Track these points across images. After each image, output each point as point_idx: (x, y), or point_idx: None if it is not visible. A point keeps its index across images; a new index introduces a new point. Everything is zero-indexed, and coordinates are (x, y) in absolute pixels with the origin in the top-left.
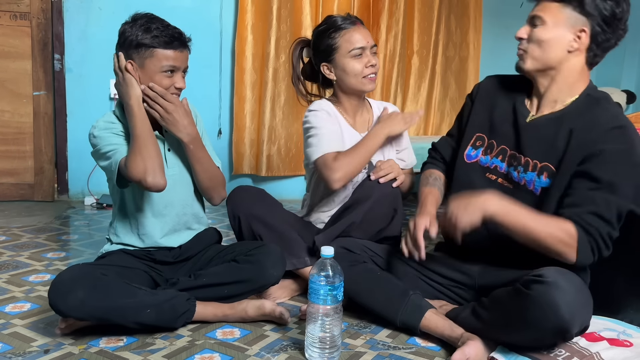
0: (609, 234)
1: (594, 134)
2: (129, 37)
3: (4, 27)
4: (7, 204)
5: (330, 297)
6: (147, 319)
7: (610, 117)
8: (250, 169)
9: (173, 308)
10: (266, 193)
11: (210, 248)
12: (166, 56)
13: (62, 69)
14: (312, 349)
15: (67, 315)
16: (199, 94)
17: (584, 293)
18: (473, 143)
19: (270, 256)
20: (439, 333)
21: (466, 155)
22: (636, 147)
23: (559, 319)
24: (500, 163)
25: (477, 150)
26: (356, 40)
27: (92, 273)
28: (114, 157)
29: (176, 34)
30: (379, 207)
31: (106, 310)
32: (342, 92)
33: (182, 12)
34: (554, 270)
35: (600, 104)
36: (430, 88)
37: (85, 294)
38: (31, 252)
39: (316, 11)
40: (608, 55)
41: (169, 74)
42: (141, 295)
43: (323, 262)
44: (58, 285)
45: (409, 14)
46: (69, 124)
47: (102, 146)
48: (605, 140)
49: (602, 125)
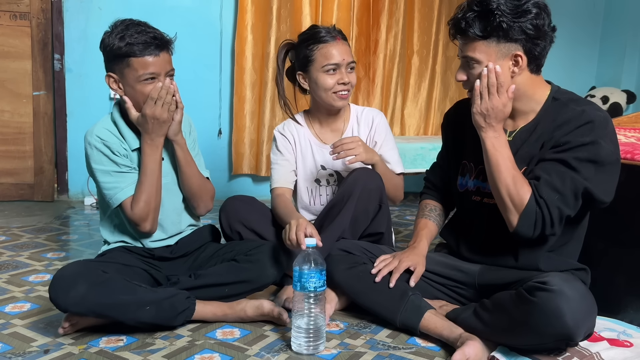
0: (558, 209)
1: (562, 131)
2: (107, 48)
3: (4, 27)
4: (7, 204)
5: (316, 285)
6: (146, 316)
7: (578, 114)
8: (249, 169)
9: (173, 306)
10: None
11: (208, 246)
12: (142, 64)
13: (62, 69)
14: (298, 340)
15: (67, 311)
16: (199, 94)
17: (589, 301)
18: (461, 172)
19: (269, 256)
20: (438, 334)
21: (459, 186)
22: (601, 141)
23: (564, 327)
24: (482, 183)
25: (466, 177)
26: (332, 55)
27: (93, 269)
28: (116, 196)
29: (150, 39)
30: (363, 204)
31: (106, 307)
32: (314, 102)
33: (182, 12)
34: (558, 278)
35: (569, 107)
36: (430, 88)
37: (86, 289)
38: (31, 252)
39: (316, 11)
40: (608, 55)
41: (150, 81)
42: (141, 292)
43: (307, 252)
44: (59, 280)
45: (409, 14)
46: (69, 124)
47: (97, 172)
48: (572, 134)
49: (570, 123)
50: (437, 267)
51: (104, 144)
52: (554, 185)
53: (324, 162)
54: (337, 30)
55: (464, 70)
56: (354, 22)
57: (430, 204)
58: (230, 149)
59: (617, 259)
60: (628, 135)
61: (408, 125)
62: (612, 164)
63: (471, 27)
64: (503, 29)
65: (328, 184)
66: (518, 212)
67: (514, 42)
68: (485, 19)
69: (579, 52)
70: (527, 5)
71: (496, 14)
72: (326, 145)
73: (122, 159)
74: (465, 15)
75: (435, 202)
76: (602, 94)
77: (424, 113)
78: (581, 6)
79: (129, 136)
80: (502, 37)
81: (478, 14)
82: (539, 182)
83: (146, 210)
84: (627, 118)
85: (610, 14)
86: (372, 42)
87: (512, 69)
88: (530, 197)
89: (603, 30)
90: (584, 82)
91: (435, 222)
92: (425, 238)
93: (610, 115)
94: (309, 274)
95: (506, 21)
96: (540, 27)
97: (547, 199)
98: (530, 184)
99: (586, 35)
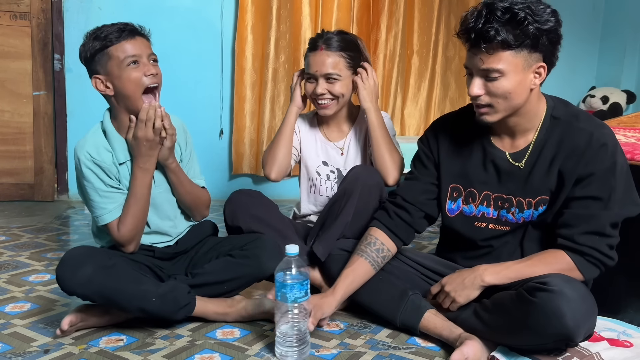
0: (607, 245)
1: (580, 160)
2: (84, 54)
3: (4, 27)
4: (7, 204)
5: (297, 295)
6: (151, 307)
7: (588, 139)
8: (250, 169)
9: (175, 300)
10: (263, 195)
11: (206, 241)
12: (121, 49)
13: (62, 69)
14: (282, 347)
15: (73, 292)
16: (200, 94)
17: (589, 301)
18: (450, 196)
19: (266, 249)
20: (438, 334)
21: (448, 210)
22: (618, 157)
23: (564, 328)
24: (486, 209)
25: (457, 202)
26: (309, 65)
27: (101, 253)
28: (102, 217)
29: (122, 26)
30: (364, 201)
31: (112, 291)
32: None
33: (182, 13)
34: (559, 278)
35: (573, 126)
36: (430, 88)
37: (94, 271)
38: (31, 252)
39: (316, 12)
40: (608, 55)
41: (133, 65)
42: (146, 282)
43: (288, 260)
44: (68, 260)
45: (409, 14)
46: (69, 124)
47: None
48: (592, 162)
49: (585, 150)
50: (438, 267)
51: (94, 163)
52: (594, 231)
53: (326, 158)
54: (327, 37)
55: (481, 84)
56: (354, 22)
57: (373, 237)
58: (230, 149)
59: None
60: (628, 135)
61: (408, 125)
62: (629, 169)
63: (501, 35)
64: (534, 37)
65: (328, 179)
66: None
67: (539, 52)
68: (515, 26)
69: (579, 52)
70: (547, 13)
71: (527, 21)
72: (331, 142)
73: (112, 180)
74: (492, 23)
75: (383, 234)
76: (602, 94)
77: (424, 113)
78: (581, 6)
79: (120, 147)
80: (531, 47)
81: (506, 22)
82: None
83: (133, 234)
84: (627, 118)
85: (610, 14)
86: (372, 42)
87: (533, 82)
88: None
89: (603, 30)
90: (584, 82)
91: (370, 262)
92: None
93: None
94: (291, 286)
95: (537, 28)
96: (560, 35)
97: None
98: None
99: (586, 35)
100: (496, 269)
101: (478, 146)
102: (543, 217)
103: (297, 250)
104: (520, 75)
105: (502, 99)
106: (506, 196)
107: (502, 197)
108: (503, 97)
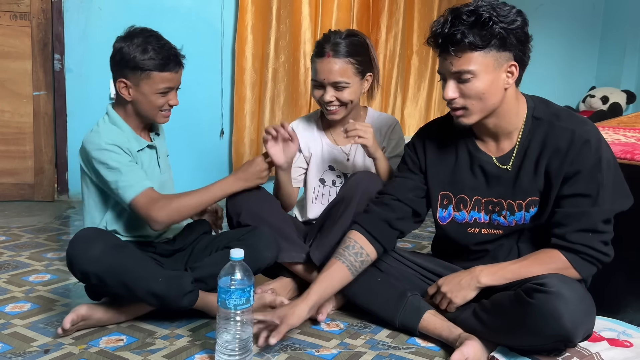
0: (601, 242)
1: (565, 159)
2: (125, 56)
3: (4, 27)
4: (7, 204)
5: (237, 302)
6: (157, 288)
7: (570, 135)
8: None
9: (180, 285)
10: (264, 191)
11: (203, 237)
12: (162, 79)
13: (62, 69)
14: (222, 356)
15: (83, 271)
16: (201, 94)
17: (587, 302)
18: (441, 204)
19: (263, 239)
20: (437, 334)
21: (440, 219)
22: (603, 152)
23: (562, 329)
24: (477, 214)
25: (448, 209)
26: (316, 72)
27: (111, 235)
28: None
29: (172, 55)
30: (364, 206)
31: (121, 269)
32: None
33: (182, 13)
34: (556, 279)
35: (555, 126)
36: (430, 88)
37: (105, 248)
38: (31, 252)
39: (315, 12)
40: (608, 55)
41: (163, 94)
42: (153, 265)
43: (232, 265)
44: (78, 239)
45: (409, 14)
46: (69, 124)
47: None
48: (577, 160)
49: (569, 148)
50: (436, 267)
51: (115, 145)
52: (586, 229)
53: (332, 163)
54: (334, 42)
55: (455, 87)
56: (353, 22)
57: (352, 240)
58: (230, 149)
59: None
60: (628, 136)
61: (408, 125)
62: (616, 163)
63: (467, 37)
64: (501, 37)
65: (333, 185)
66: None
67: (508, 51)
68: (481, 27)
69: (578, 52)
70: (512, 13)
71: (492, 21)
72: (337, 146)
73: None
74: (458, 27)
75: (363, 237)
76: (602, 94)
77: (423, 113)
78: (581, 6)
79: (132, 136)
80: (499, 46)
81: (471, 24)
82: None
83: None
84: (627, 118)
85: (610, 14)
86: (372, 42)
87: (506, 81)
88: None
89: (603, 30)
90: (584, 82)
91: (347, 266)
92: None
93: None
94: (232, 292)
95: (503, 28)
96: (527, 34)
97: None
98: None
99: (586, 35)
100: (492, 270)
101: (464, 152)
102: (537, 219)
103: (242, 255)
104: (491, 75)
105: (476, 100)
106: (496, 200)
107: (493, 201)
108: (477, 98)
